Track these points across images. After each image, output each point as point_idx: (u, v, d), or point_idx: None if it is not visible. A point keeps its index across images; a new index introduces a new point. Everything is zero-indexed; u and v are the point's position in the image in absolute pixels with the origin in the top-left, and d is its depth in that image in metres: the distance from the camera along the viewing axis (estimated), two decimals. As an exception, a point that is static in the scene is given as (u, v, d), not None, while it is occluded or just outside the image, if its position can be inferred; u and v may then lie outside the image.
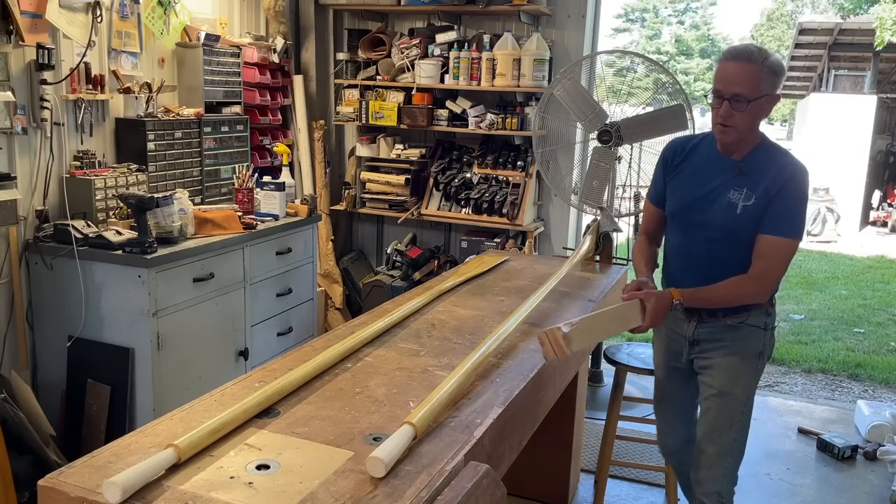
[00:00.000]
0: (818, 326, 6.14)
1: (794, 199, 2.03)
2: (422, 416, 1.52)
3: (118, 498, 1.23)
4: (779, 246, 2.03)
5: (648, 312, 2.07)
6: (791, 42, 14.33)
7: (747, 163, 2.09)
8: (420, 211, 4.55)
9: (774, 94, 2.04)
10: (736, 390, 2.19)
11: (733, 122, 2.01)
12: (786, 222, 2.03)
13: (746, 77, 1.98)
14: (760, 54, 1.99)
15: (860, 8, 16.83)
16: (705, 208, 2.14)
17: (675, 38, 33.61)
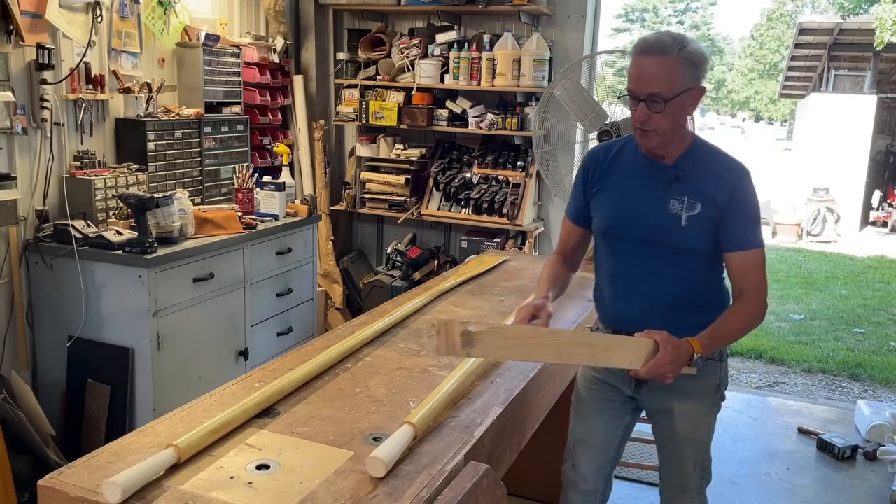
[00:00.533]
0: (818, 326, 6.14)
1: (750, 206, 1.81)
2: (422, 415, 1.52)
3: (118, 498, 1.23)
4: (756, 259, 1.82)
5: (659, 361, 1.70)
6: (791, 42, 14.32)
7: (682, 167, 1.83)
8: (420, 211, 4.55)
9: (698, 87, 1.77)
10: (699, 435, 1.97)
11: (653, 125, 1.76)
12: (752, 233, 1.82)
13: (662, 73, 1.71)
14: (675, 44, 1.71)
15: (860, 8, 16.82)
16: (642, 223, 1.86)
17: (675, 38, 33.53)
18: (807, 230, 10.51)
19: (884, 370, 5.03)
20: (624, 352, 1.71)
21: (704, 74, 1.78)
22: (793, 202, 11.11)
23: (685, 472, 1.99)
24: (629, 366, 1.71)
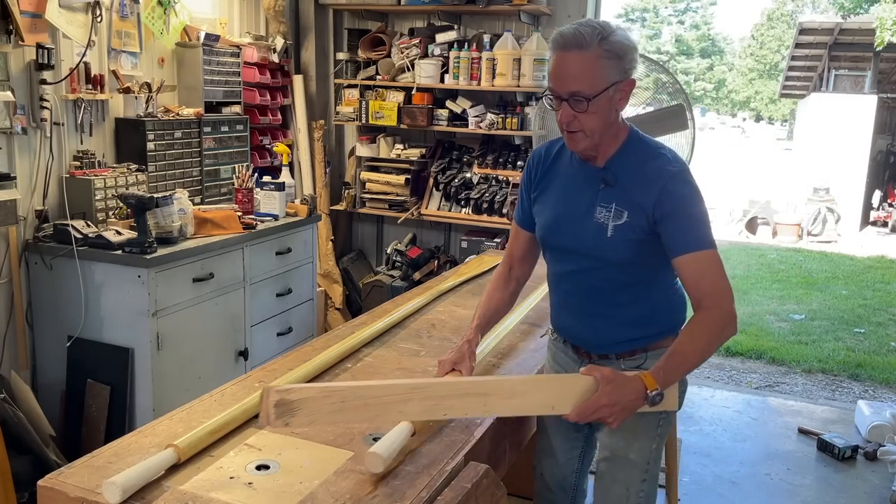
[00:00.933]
0: (818, 326, 6.14)
1: (687, 206, 1.60)
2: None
3: (118, 498, 1.23)
4: (707, 262, 1.59)
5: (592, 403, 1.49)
6: (791, 42, 14.32)
7: (612, 170, 1.66)
8: (420, 211, 4.55)
9: (626, 80, 1.59)
10: (631, 454, 1.73)
11: (579, 126, 1.59)
12: (695, 234, 1.60)
13: (582, 69, 1.55)
14: (595, 34, 1.55)
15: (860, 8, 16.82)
16: (571, 233, 1.70)
17: (675, 37, 33.64)
18: (807, 230, 10.51)
19: (884, 370, 5.02)
20: (545, 395, 1.45)
21: (633, 65, 1.60)
22: (793, 202, 11.11)
23: (615, 497, 1.76)
24: (551, 411, 1.48)
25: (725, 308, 1.58)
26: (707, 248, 1.59)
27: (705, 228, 1.61)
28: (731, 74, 32.51)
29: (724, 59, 33.88)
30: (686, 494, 3.17)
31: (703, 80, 33.00)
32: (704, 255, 1.59)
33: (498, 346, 2.09)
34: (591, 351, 1.75)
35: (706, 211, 1.64)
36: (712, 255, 1.60)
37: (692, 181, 1.65)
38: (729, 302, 1.59)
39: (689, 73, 32.16)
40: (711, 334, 1.59)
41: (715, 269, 1.59)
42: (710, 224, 1.63)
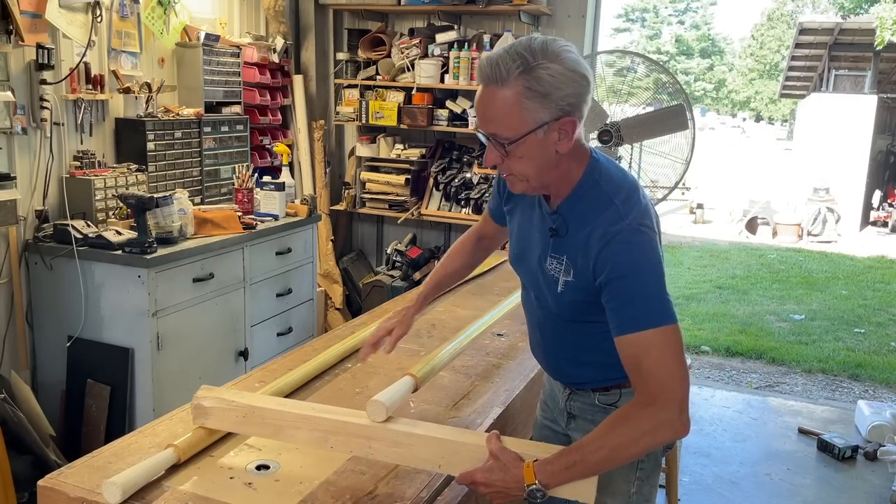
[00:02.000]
0: (818, 326, 6.14)
1: (632, 276, 1.32)
2: (422, 369, 1.56)
3: (118, 498, 1.23)
4: (644, 344, 1.29)
5: (471, 474, 1.30)
6: (791, 42, 14.32)
7: (563, 216, 1.42)
8: (420, 211, 4.55)
9: (563, 118, 1.31)
10: (608, 498, 1.53)
11: (507, 170, 1.38)
12: (632, 312, 1.31)
13: (499, 109, 1.30)
14: (516, 67, 1.27)
15: (860, 8, 16.83)
16: (530, 274, 1.53)
17: (676, 37, 33.65)
18: (807, 230, 10.51)
19: (884, 370, 5.03)
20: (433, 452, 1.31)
21: (575, 99, 1.31)
22: (793, 202, 11.11)
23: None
24: (438, 469, 1.33)
25: (663, 406, 1.27)
26: (650, 328, 1.29)
27: (651, 302, 1.31)
28: (731, 74, 32.52)
29: (724, 59, 33.88)
30: (686, 494, 3.17)
31: (703, 80, 33.01)
32: (646, 337, 1.29)
33: (499, 346, 2.09)
34: (567, 381, 1.61)
35: (657, 276, 1.33)
36: (658, 337, 1.29)
37: (639, 239, 1.33)
38: (670, 400, 1.27)
39: (689, 73, 32.17)
40: (635, 435, 1.28)
41: (659, 354, 1.29)
42: (660, 294, 1.32)
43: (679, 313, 1.35)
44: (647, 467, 1.56)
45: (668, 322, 1.30)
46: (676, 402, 1.28)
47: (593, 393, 1.56)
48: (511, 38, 4.19)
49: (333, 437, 1.35)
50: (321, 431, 1.35)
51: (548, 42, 1.31)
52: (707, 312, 6.42)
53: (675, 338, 1.31)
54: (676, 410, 1.27)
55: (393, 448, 1.31)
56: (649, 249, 1.34)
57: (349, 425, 1.34)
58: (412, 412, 1.65)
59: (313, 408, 1.41)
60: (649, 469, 1.57)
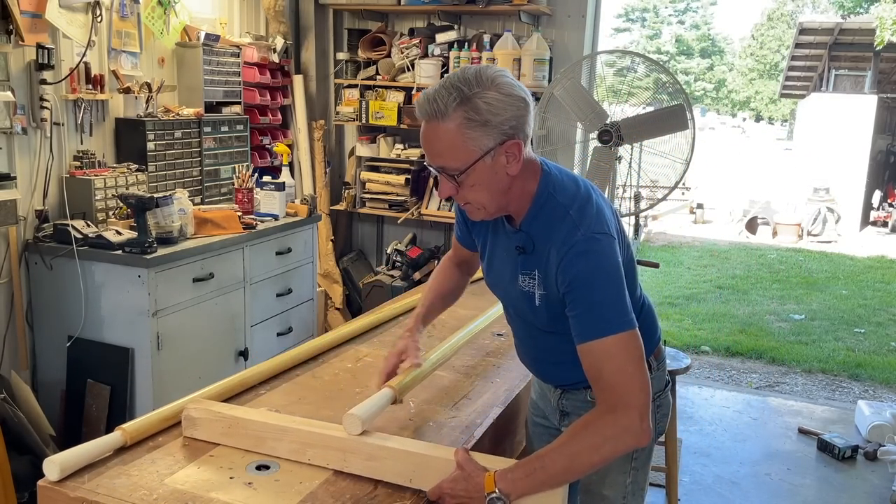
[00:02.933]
0: (818, 326, 6.14)
1: (588, 286, 1.35)
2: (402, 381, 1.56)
3: (56, 475, 1.29)
4: (604, 350, 1.33)
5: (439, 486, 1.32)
6: (791, 42, 14.32)
7: (527, 233, 1.45)
8: (420, 211, 4.55)
9: (509, 142, 1.36)
10: (604, 489, 1.60)
11: (464, 199, 1.42)
12: (592, 320, 1.35)
13: (443, 142, 1.34)
14: (453, 99, 1.31)
15: (860, 7, 16.83)
16: (506, 294, 1.57)
17: (676, 37, 33.65)
18: (807, 230, 10.51)
19: (884, 370, 5.02)
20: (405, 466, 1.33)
21: (517, 122, 1.36)
22: (793, 202, 11.11)
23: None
24: (409, 483, 1.33)
25: (623, 413, 1.30)
26: (608, 335, 1.33)
27: (608, 309, 1.34)
28: (731, 74, 32.51)
29: (724, 59, 33.88)
30: (686, 494, 3.17)
31: (703, 80, 33.01)
32: (604, 344, 1.33)
33: (499, 346, 2.09)
34: (556, 382, 1.64)
35: (614, 283, 1.36)
36: (616, 344, 1.32)
37: (595, 248, 1.36)
38: (630, 407, 1.30)
39: (689, 73, 32.16)
40: (596, 442, 1.30)
41: (618, 362, 1.32)
42: (617, 301, 1.35)
43: (679, 313, 1.37)
44: (642, 457, 1.61)
45: (625, 329, 1.33)
46: (637, 409, 1.30)
47: (585, 390, 1.57)
48: (511, 38, 4.19)
49: (311, 449, 1.39)
50: (299, 443, 1.40)
51: (481, 70, 1.35)
52: (707, 312, 6.42)
53: (634, 344, 1.34)
54: (637, 417, 1.30)
55: (367, 461, 1.35)
56: (605, 257, 1.36)
57: (326, 437, 1.38)
58: (412, 412, 1.65)
59: (293, 420, 1.45)
60: (643, 459, 1.61)
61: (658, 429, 1.64)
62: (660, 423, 1.65)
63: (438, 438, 1.51)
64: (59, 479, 1.29)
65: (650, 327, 1.59)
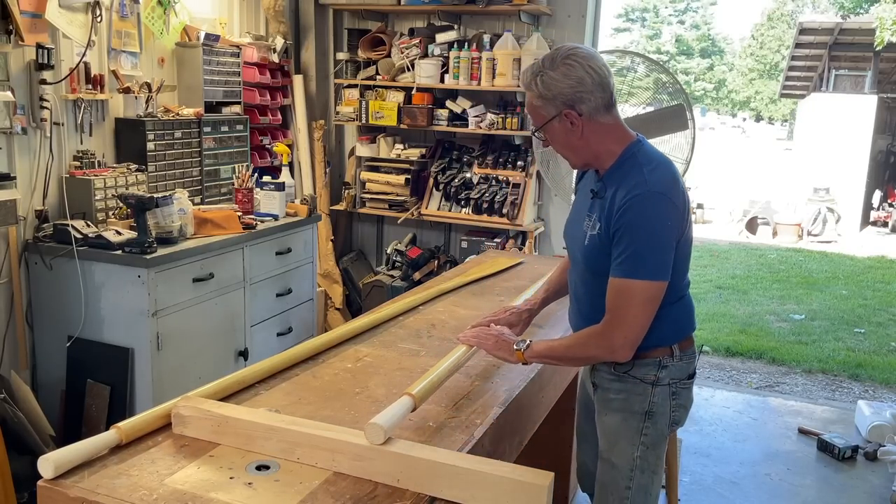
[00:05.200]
0: (818, 326, 6.14)
1: (637, 231, 1.59)
2: (421, 388, 1.54)
3: (51, 473, 1.29)
4: (624, 291, 1.61)
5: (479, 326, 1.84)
6: (791, 42, 14.32)
7: (604, 183, 1.72)
8: (420, 211, 4.55)
9: (566, 112, 1.65)
10: (614, 458, 1.79)
11: (554, 150, 1.78)
12: (629, 261, 1.60)
13: (529, 106, 1.72)
14: (532, 73, 1.67)
15: (860, 8, 16.83)
16: (572, 236, 1.85)
17: (676, 37, 33.64)
18: (807, 230, 10.51)
19: (884, 370, 5.02)
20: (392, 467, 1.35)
21: (572, 94, 1.63)
22: (793, 202, 11.11)
23: (602, 497, 1.83)
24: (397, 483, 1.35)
25: (611, 333, 1.65)
26: (636, 279, 1.60)
27: (644, 258, 1.60)
28: (731, 74, 32.51)
29: (724, 59, 33.87)
30: (686, 494, 3.17)
31: (703, 80, 33.00)
32: (628, 285, 1.61)
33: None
34: None
35: (659, 240, 1.61)
36: (637, 288, 1.61)
37: (653, 202, 1.60)
38: (617, 333, 1.64)
39: (689, 73, 32.16)
40: (586, 343, 1.71)
41: (630, 300, 1.61)
42: (656, 254, 1.61)
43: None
44: (652, 434, 1.77)
45: (652, 278, 1.61)
46: (622, 335, 1.64)
47: (611, 362, 1.77)
48: (511, 38, 4.19)
49: (299, 448, 1.40)
50: (288, 443, 1.40)
51: (558, 51, 1.67)
52: (707, 312, 6.42)
53: (653, 294, 1.62)
54: (619, 339, 1.64)
55: (354, 461, 1.36)
56: (659, 213, 1.61)
57: (313, 437, 1.39)
58: (412, 412, 1.65)
59: (282, 419, 1.45)
60: (654, 438, 1.77)
61: (674, 418, 1.79)
62: (675, 411, 1.79)
63: (438, 438, 1.51)
64: (55, 477, 1.29)
65: (685, 320, 1.80)
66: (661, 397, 1.75)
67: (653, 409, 1.76)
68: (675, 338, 1.75)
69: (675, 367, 1.75)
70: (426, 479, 1.32)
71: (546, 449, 2.73)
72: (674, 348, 1.75)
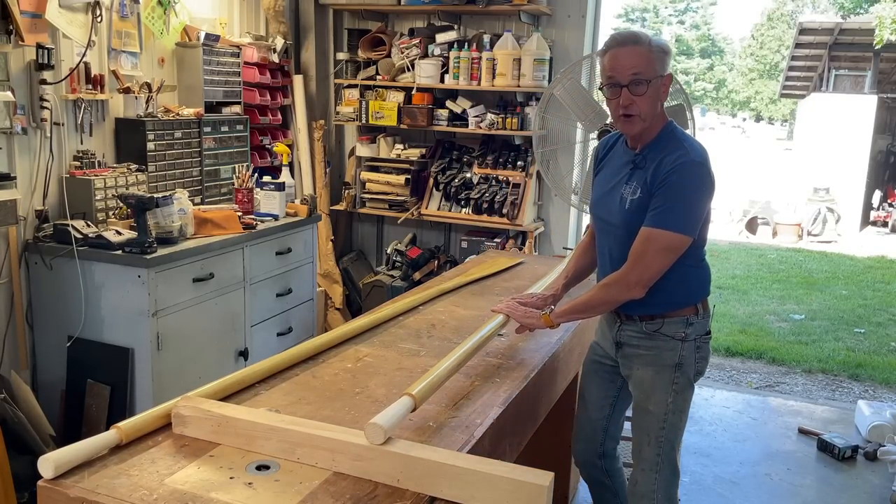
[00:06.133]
0: (819, 326, 6.14)
1: (676, 190, 1.86)
2: (421, 388, 1.54)
3: (51, 473, 1.29)
4: (650, 238, 1.87)
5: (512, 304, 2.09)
6: (791, 42, 14.32)
7: (643, 155, 1.97)
8: (420, 211, 4.55)
9: (668, 74, 1.95)
10: (650, 405, 2.04)
11: (636, 110, 1.90)
12: (661, 213, 1.86)
13: (640, 59, 1.88)
14: (646, 36, 1.92)
15: (860, 7, 16.83)
16: (606, 206, 2.05)
17: (676, 37, 33.62)
18: (807, 230, 10.51)
19: (884, 370, 5.02)
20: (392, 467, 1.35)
21: (670, 64, 1.97)
22: (793, 202, 11.11)
23: (640, 441, 2.09)
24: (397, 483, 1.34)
25: (628, 274, 1.90)
26: (664, 229, 1.85)
27: (677, 213, 1.85)
28: (731, 74, 32.50)
29: (724, 59, 33.86)
30: (686, 494, 3.17)
31: (703, 80, 32.99)
32: (656, 233, 1.86)
33: (499, 346, 2.09)
34: (620, 310, 2.05)
35: (693, 201, 1.87)
36: (663, 237, 1.85)
37: (697, 170, 1.87)
38: (634, 272, 1.89)
39: (689, 73, 32.15)
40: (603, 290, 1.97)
41: (654, 246, 1.86)
42: (688, 211, 1.87)
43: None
44: (682, 382, 2.02)
45: (679, 231, 1.85)
46: (637, 277, 1.89)
47: (640, 321, 2.03)
48: (511, 38, 4.19)
49: (300, 448, 1.40)
50: (289, 443, 1.40)
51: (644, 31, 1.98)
52: (707, 312, 6.41)
53: (677, 245, 1.86)
54: (634, 280, 1.90)
55: (354, 461, 1.36)
56: (699, 178, 1.87)
57: (313, 437, 1.39)
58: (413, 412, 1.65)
59: (282, 419, 1.45)
60: (682, 385, 2.03)
61: (698, 368, 2.05)
62: (699, 363, 2.04)
63: (438, 438, 1.51)
64: (55, 477, 1.29)
65: (706, 281, 2.06)
66: (688, 351, 2.01)
67: (682, 362, 2.01)
68: (698, 296, 2.03)
69: (699, 323, 2.02)
70: (426, 479, 1.32)
71: (546, 449, 2.73)
72: (698, 307, 2.02)
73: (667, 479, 2.07)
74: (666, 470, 2.06)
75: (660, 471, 2.06)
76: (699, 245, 1.99)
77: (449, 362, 1.71)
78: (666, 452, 2.06)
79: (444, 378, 1.66)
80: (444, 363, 1.70)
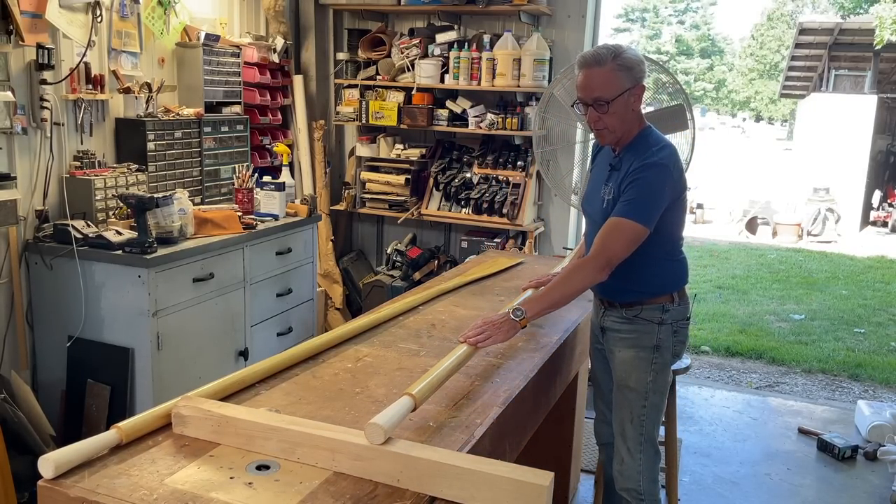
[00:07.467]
0: (818, 326, 6.14)
1: (640, 185, 2.02)
2: (421, 388, 1.54)
3: (51, 473, 1.29)
4: (615, 226, 2.03)
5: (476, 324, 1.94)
6: (791, 42, 14.32)
7: (620, 158, 2.14)
8: (420, 211, 4.55)
9: (637, 86, 2.07)
10: (630, 383, 2.19)
11: (603, 125, 2.08)
12: (627, 205, 2.02)
13: (601, 80, 2.03)
14: (609, 54, 2.03)
15: (860, 8, 16.83)
16: (591, 203, 2.23)
17: (675, 38, 33.62)
18: (807, 230, 10.51)
19: (884, 370, 5.02)
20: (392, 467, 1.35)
21: (642, 75, 2.07)
22: (793, 202, 11.11)
23: (621, 419, 2.21)
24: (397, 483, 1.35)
25: (594, 258, 2.04)
26: (629, 219, 2.01)
27: (638, 206, 2.02)
28: (731, 74, 32.49)
29: (724, 59, 33.86)
30: (686, 494, 3.17)
31: (703, 80, 32.99)
32: (622, 223, 2.02)
33: (499, 346, 2.09)
34: (603, 297, 2.24)
35: (655, 197, 2.03)
36: (627, 226, 2.01)
37: (657, 168, 2.03)
38: (601, 257, 2.02)
39: (689, 73, 32.15)
40: (570, 276, 2.07)
41: (620, 235, 2.02)
42: (650, 206, 2.03)
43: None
44: (660, 363, 2.17)
45: (640, 223, 2.02)
46: (604, 260, 2.02)
47: (621, 307, 2.19)
48: (511, 38, 4.19)
49: (300, 448, 1.40)
50: (289, 443, 1.40)
51: (618, 45, 2.07)
52: (707, 312, 6.42)
53: (636, 236, 2.02)
54: (601, 264, 2.02)
55: (355, 461, 1.36)
56: (659, 177, 2.03)
57: (313, 437, 1.39)
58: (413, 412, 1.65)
59: (282, 419, 1.45)
60: (661, 365, 2.18)
61: (675, 350, 2.20)
62: (676, 346, 2.20)
63: (438, 438, 1.51)
64: (55, 477, 1.29)
65: (682, 274, 2.22)
66: (665, 334, 2.16)
67: (659, 344, 2.16)
68: (674, 287, 2.19)
69: (675, 310, 2.18)
70: (426, 479, 1.32)
71: (546, 449, 2.73)
72: (674, 295, 2.18)
73: (650, 459, 2.21)
74: (649, 450, 2.20)
75: (644, 451, 2.19)
76: (674, 240, 2.18)
77: (449, 362, 1.71)
78: (648, 432, 2.19)
79: (444, 378, 1.66)
80: (444, 363, 1.70)
